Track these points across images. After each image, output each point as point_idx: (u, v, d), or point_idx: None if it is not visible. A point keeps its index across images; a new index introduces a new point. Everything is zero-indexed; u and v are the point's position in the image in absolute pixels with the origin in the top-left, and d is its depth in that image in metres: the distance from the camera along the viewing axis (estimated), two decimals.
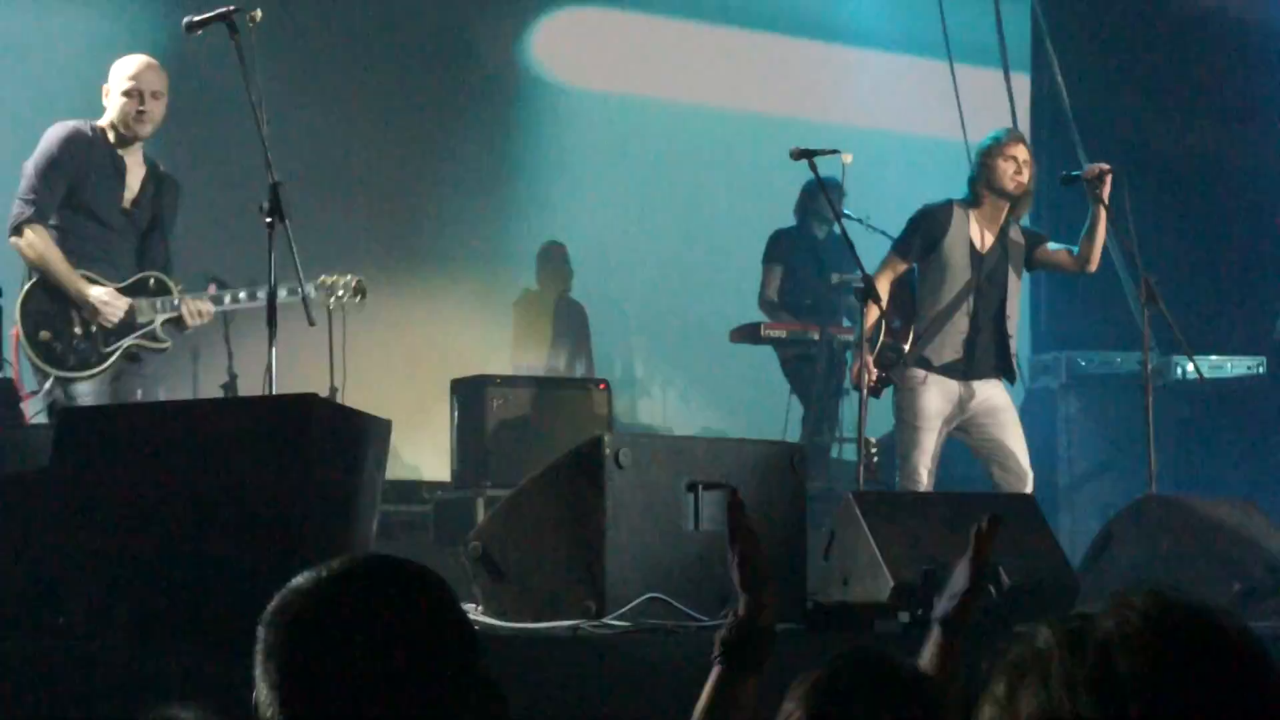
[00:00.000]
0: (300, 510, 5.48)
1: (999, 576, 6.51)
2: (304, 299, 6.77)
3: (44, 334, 7.21)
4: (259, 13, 6.72)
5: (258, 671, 2.21)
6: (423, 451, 10.69)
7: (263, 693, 2.19)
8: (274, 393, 6.54)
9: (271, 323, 6.64)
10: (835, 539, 6.78)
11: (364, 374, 8.38)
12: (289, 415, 5.55)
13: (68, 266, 7.27)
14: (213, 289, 7.47)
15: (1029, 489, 8.15)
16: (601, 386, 10.03)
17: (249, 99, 6.63)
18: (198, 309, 7.37)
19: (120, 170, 7.46)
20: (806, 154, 8.17)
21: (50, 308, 7.27)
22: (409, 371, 10.75)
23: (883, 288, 8.28)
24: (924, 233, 8.37)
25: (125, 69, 7.46)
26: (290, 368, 7.34)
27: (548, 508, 6.52)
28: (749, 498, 6.70)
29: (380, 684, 2.14)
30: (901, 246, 8.45)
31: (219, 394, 9.02)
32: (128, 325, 7.33)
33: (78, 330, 7.26)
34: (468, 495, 9.53)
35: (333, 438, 5.68)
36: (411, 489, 9.74)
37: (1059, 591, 6.74)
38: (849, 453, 10.37)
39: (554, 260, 11.73)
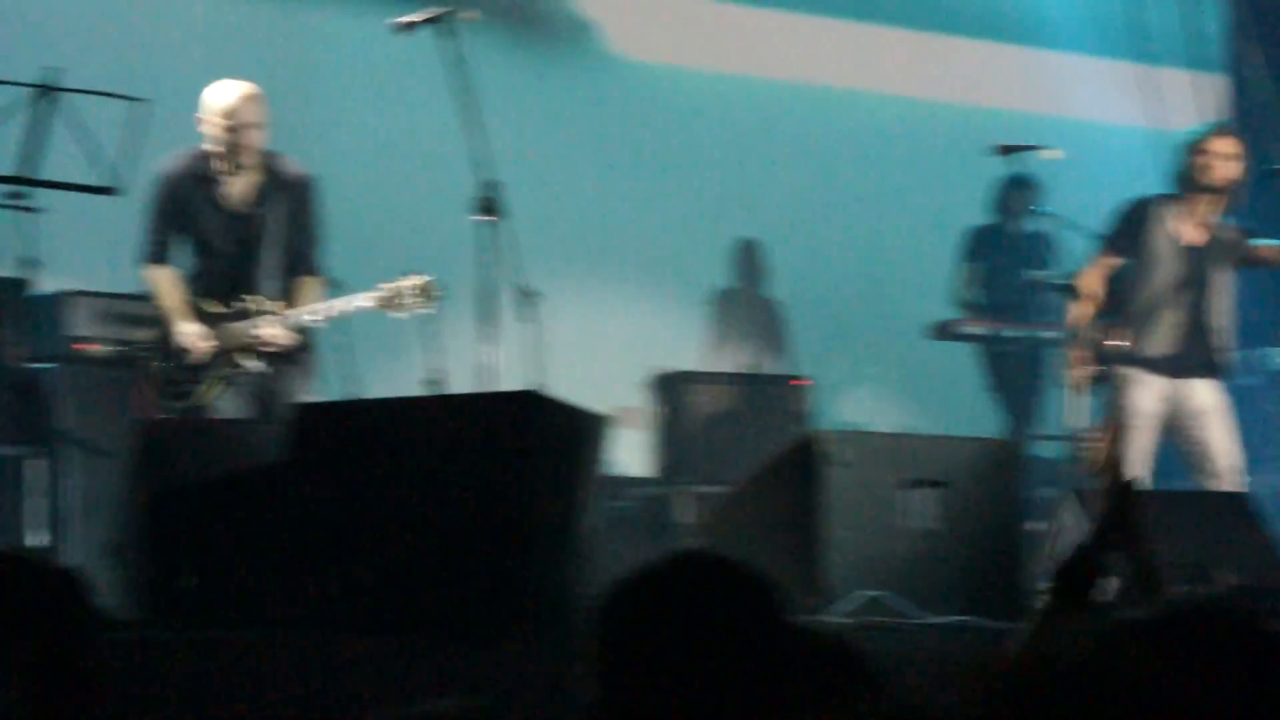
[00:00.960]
0: (524, 504, 5.55)
1: (1209, 577, 6.44)
2: (526, 295, 6.82)
3: (158, 364, 7.42)
4: (476, 13, 6.76)
5: (581, 660, 2.25)
6: (622, 447, 10.73)
7: (586, 680, 2.23)
8: (492, 389, 6.61)
9: (485, 319, 6.71)
10: (1055, 535, 6.74)
11: (563, 370, 8.44)
12: (512, 411, 5.63)
13: (169, 305, 7.42)
14: (281, 308, 7.37)
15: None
16: (801, 383, 10.03)
17: (462, 100, 6.68)
18: (269, 335, 7.35)
19: (223, 196, 7.44)
20: (1012, 149, 8.11)
21: (169, 340, 7.43)
22: (607, 367, 10.79)
23: (1093, 283, 8.19)
24: (1132, 227, 8.27)
25: (220, 102, 7.36)
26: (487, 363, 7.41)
27: (764, 505, 6.55)
28: (963, 496, 6.73)
29: (704, 678, 2.17)
30: (1111, 241, 8.35)
31: (424, 390, 9.11)
32: (217, 356, 7.40)
33: (184, 362, 7.40)
34: (668, 491, 9.56)
35: (554, 432, 5.74)
36: (612, 484, 9.79)
37: (1272, 594, 6.64)
38: (1047, 451, 10.27)
39: (749, 256, 11.72)
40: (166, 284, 7.45)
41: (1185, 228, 8.26)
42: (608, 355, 10.98)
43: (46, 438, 7.01)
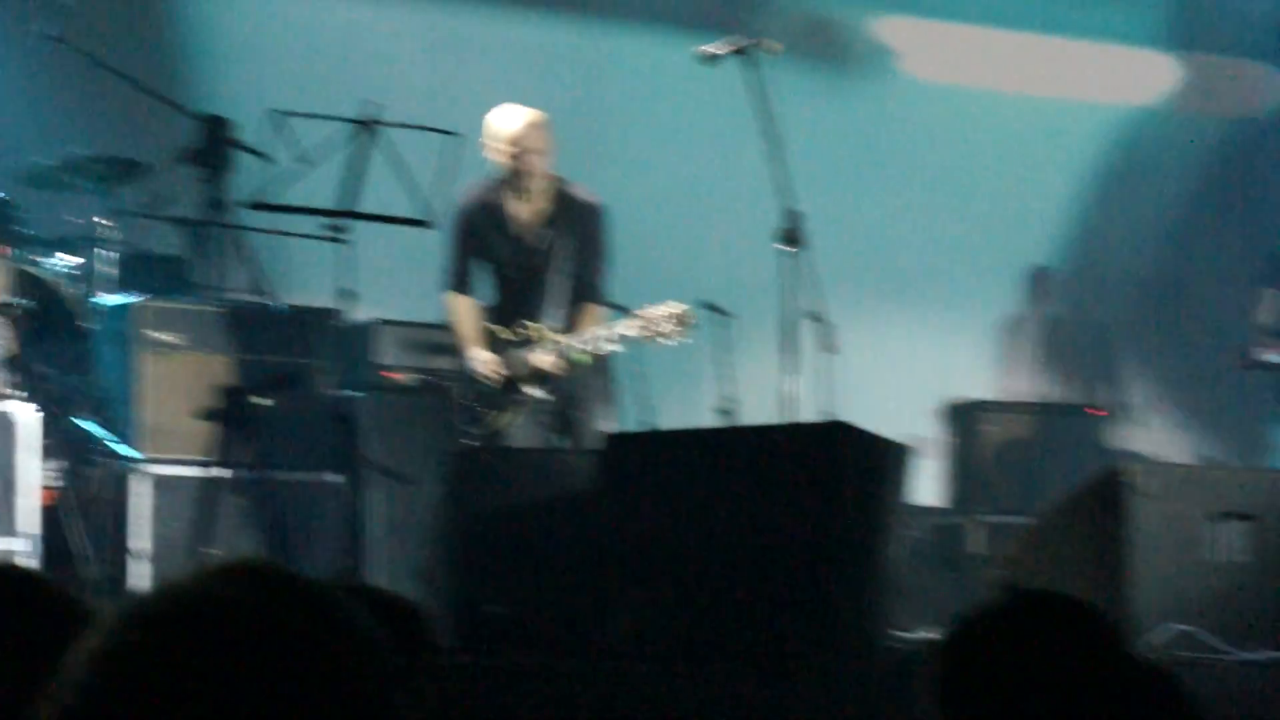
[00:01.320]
0: (832, 535, 5.54)
1: None
2: (822, 324, 6.81)
3: (457, 391, 7.52)
4: (779, 45, 6.78)
5: (923, 698, 2.26)
6: (918, 475, 10.67)
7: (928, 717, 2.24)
8: (795, 420, 6.61)
9: (788, 349, 6.71)
10: None
11: (855, 398, 8.41)
12: (822, 442, 5.63)
13: (463, 333, 7.51)
14: (560, 336, 7.35)
15: None
16: (1097, 412, 9.89)
17: (765, 129, 6.71)
18: (543, 363, 7.33)
19: (512, 222, 7.49)
20: None
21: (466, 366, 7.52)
22: (898, 395, 10.74)
23: None
24: None
25: (505, 128, 7.36)
26: (770, 390, 7.42)
27: (1069, 537, 6.46)
28: (1273, 529, 6.57)
29: (1050, 715, 2.16)
30: None
31: (716, 418, 9.15)
32: (510, 380, 7.44)
33: (479, 389, 7.45)
34: (961, 520, 9.49)
35: (861, 463, 5.73)
36: (908, 513, 9.74)
37: None
38: None
39: (1040, 282, 11.58)
40: (463, 311, 7.55)
41: None
42: (899, 384, 10.92)
43: (351, 463, 7.16)
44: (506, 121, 7.36)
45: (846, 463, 5.55)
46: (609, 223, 7.56)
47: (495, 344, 7.48)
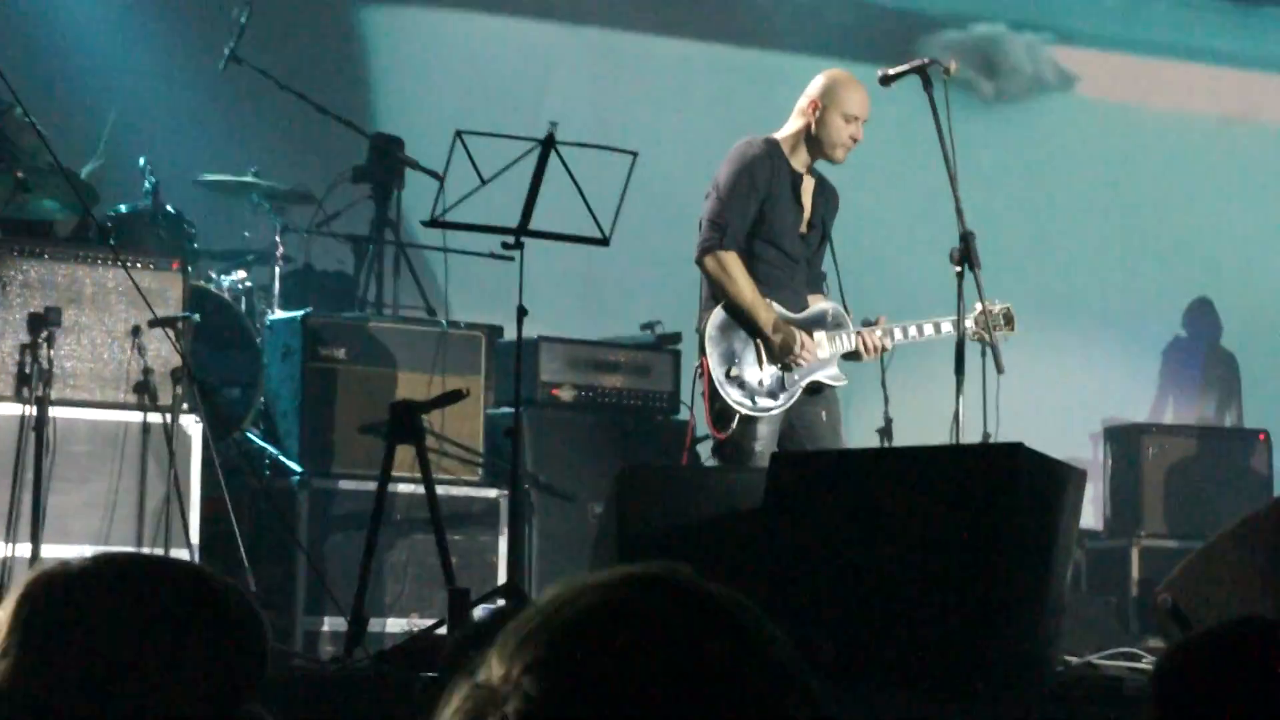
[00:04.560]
0: (1005, 559, 5.49)
1: None
2: (994, 349, 6.75)
3: (733, 369, 6.94)
4: (955, 65, 6.75)
5: None
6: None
7: None
8: (959, 440, 6.56)
9: (959, 370, 6.67)
10: None
11: (1011, 417, 8.34)
12: (996, 464, 5.57)
13: (760, 297, 6.92)
14: (882, 322, 7.10)
15: None
16: (1261, 437, 9.75)
17: (943, 148, 6.69)
18: (875, 344, 7.03)
19: (798, 192, 7.09)
20: None
21: (735, 340, 6.97)
22: (1055, 416, 10.65)
23: None
24: None
25: (855, 95, 6.99)
26: (929, 408, 7.37)
27: (1242, 562, 6.35)
28: None
29: None
30: None
31: (875, 436, 9.11)
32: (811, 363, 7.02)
33: (764, 365, 6.96)
34: (1122, 544, 9.40)
35: (1035, 487, 5.67)
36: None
37: None
38: None
39: (1200, 309, 11.45)
40: (747, 275, 6.93)
41: None
42: (1059, 405, 10.84)
43: (513, 479, 7.19)
44: (855, 90, 7.01)
45: (1022, 486, 5.49)
46: None
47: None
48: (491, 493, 7.74)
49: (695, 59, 10.89)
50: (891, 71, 6.91)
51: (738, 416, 6.89)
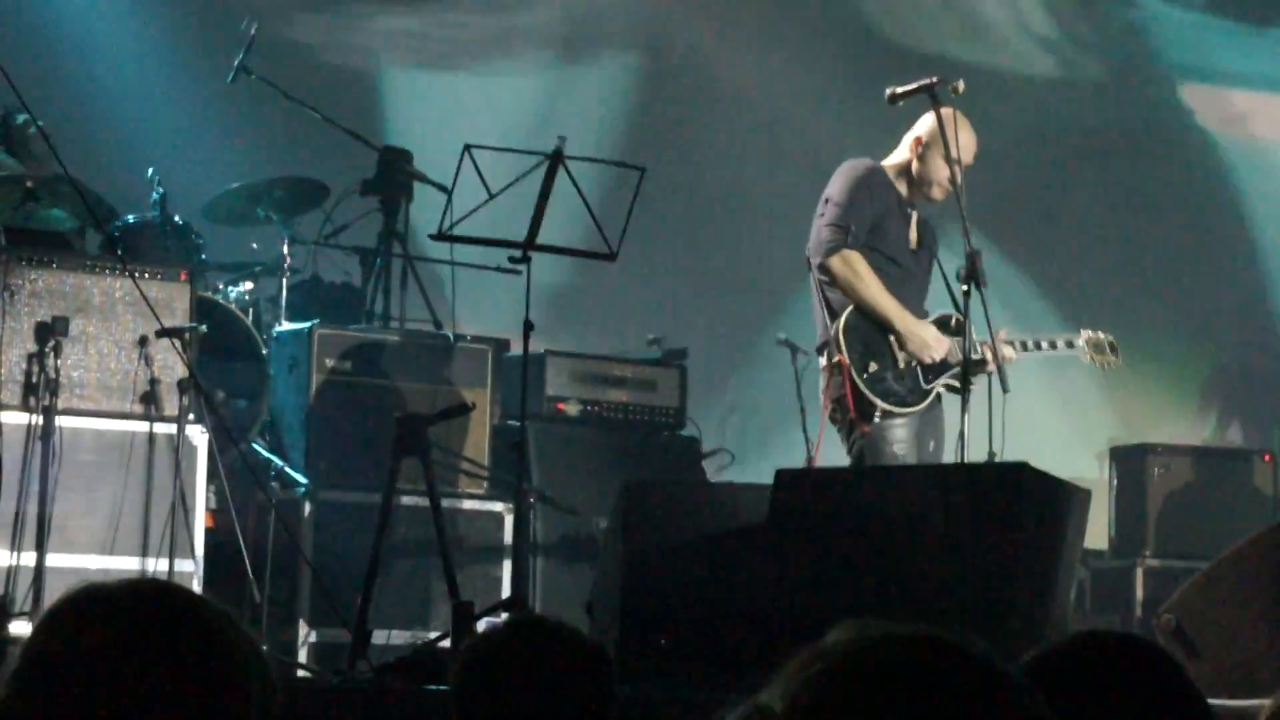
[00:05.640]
0: (1007, 577, 5.50)
1: None
2: (1000, 369, 6.76)
3: (873, 365, 6.97)
4: (961, 84, 6.77)
5: None
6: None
7: None
8: (965, 458, 6.57)
9: (964, 389, 6.68)
10: None
11: (1018, 436, 8.34)
12: (1003, 483, 5.59)
13: (891, 297, 7.00)
14: (1003, 335, 7.09)
15: None
16: (1266, 458, 9.75)
17: (950, 166, 6.70)
18: (1002, 353, 7.02)
19: (906, 214, 7.17)
20: None
21: (871, 338, 7.03)
22: (1062, 435, 10.65)
23: None
24: None
25: (967, 141, 7.06)
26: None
27: (1244, 584, 6.35)
28: None
29: None
30: None
31: None
32: (941, 363, 7.07)
33: (900, 364, 7.02)
34: (1127, 564, 9.40)
35: (1039, 506, 5.68)
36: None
37: None
38: None
39: (1213, 330, 11.49)
40: (875, 274, 7.00)
41: None
42: (1067, 425, 10.84)
43: (519, 493, 7.20)
44: (967, 135, 7.07)
45: (1030, 506, 5.50)
46: None
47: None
48: (497, 506, 7.74)
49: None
50: (900, 90, 6.94)
51: (879, 411, 6.93)
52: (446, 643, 6.21)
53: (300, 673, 6.71)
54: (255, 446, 7.75)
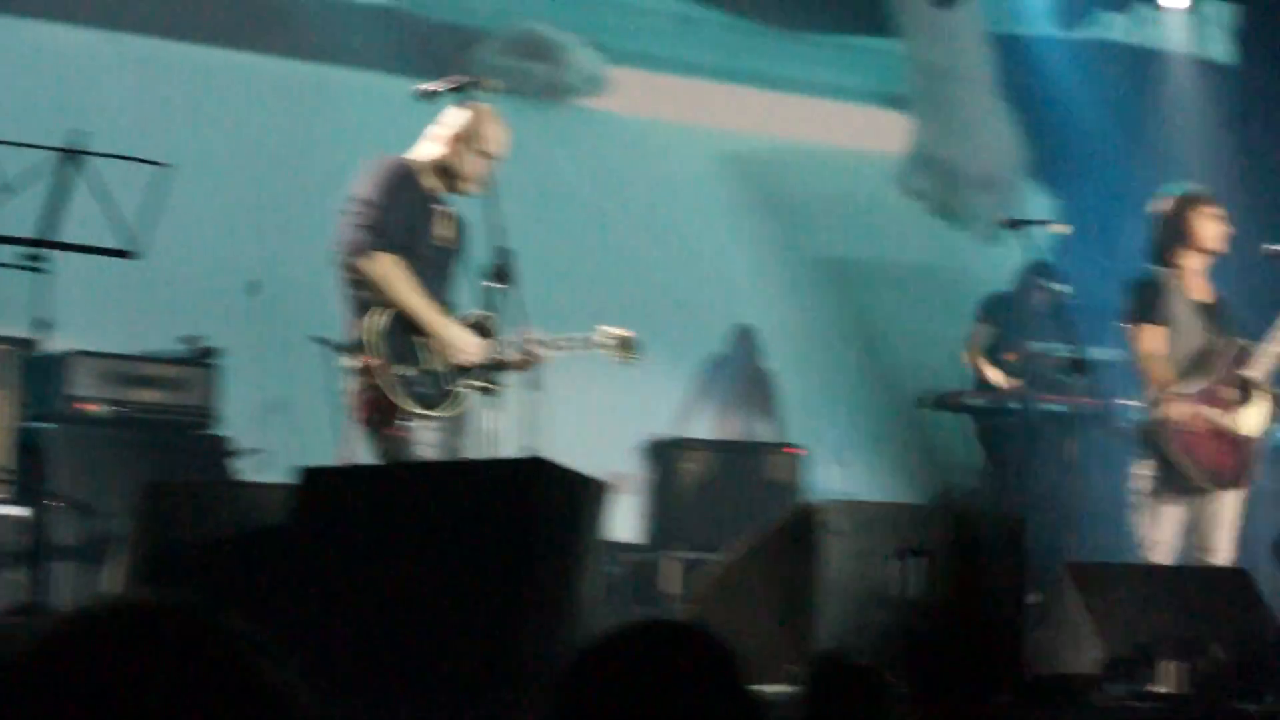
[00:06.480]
0: (526, 570, 5.58)
1: (1204, 651, 6.49)
2: (530, 368, 6.86)
3: (400, 367, 6.94)
4: (500, 82, 6.88)
5: None
6: (612, 512, 10.77)
7: None
8: (493, 455, 6.66)
9: (491, 387, 6.77)
10: (1048, 610, 6.78)
11: (557, 435, 8.47)
12: (518, 477, 5.67)
13: (422, 298, 6.99)
14: (531, 333, 7.14)
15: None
16: (794, 451, 10.09)
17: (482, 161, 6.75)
18: (531, 352, 7.12)
19: (429, 208, 7.12)
20: (1019, 224, 8.33)
21: (400, 339, 6.97)
22: (600, 432, 10.84)
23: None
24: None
25: (489, 130, 7.13)
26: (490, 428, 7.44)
27: (761, 574, 6.57)
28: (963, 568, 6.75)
29: None
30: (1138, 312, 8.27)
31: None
32: (471, 364, 7.08)
33: (429, 365, 7.01)
34: (656, 557, 9.63)
35: (558, 499, 5.78)
36: (605, 550, 9.84)
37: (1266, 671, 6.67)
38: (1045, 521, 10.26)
39: (744, 332, 11.80)
40: (407, 275, 6.98)
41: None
42: (601, 421, 11.02)
43: (39, 496, 7.02)
44: (490, 124, 7.11)
45: (543, 498, 5.59)
46: None
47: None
48: (17, 511, 7.53)
49: (239, 70, 10.75)
50: (429, 87, 7.01)
51: (406, 414, 6.92)
52: None
53: None
54: None
